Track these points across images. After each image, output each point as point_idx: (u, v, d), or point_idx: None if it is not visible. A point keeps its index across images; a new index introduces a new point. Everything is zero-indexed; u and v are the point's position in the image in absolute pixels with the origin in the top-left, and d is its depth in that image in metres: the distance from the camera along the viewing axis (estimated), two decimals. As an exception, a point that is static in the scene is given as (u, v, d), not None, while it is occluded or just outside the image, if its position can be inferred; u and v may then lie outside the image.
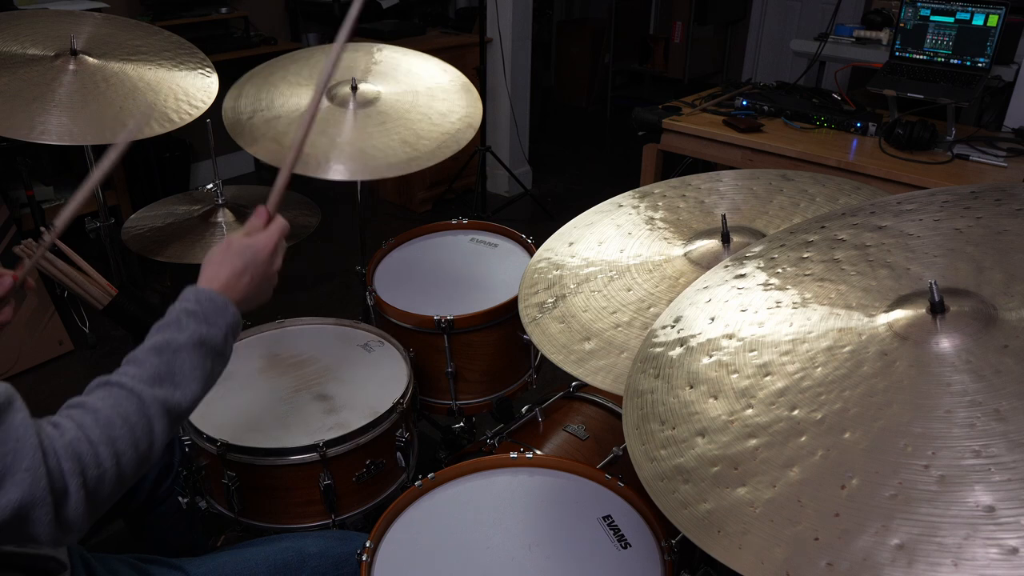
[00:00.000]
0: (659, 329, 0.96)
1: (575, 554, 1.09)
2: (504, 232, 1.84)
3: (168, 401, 0.86)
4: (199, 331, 0.90)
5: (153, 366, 0.87)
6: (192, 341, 0.89)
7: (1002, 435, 0.64)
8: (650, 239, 1.26)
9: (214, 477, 1.33)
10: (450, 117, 1.67)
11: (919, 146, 2.26)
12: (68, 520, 0.77)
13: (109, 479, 0.80)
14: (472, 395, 1.64)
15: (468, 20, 4.24)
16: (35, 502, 0.74)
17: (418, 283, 1.69)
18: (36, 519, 0.75)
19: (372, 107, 1.65)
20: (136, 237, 1.70)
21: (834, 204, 1.24)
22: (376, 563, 1.08)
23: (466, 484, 1.22)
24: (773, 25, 5.01)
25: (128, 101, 1.55)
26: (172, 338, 0.89)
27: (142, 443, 0.83)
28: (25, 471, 0.73)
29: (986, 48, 2.38)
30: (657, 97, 2.97)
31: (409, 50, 1.84)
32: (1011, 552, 0.56)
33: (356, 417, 1.34)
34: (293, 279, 3.29)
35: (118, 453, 0.81)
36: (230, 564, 1.11)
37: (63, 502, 0.76)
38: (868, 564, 0.60)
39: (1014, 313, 0.75)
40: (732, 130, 2.49)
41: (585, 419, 1.52)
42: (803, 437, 0.72)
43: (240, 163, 4.31)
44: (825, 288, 0.90)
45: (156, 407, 0.85)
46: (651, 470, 0.77)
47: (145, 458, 0.84)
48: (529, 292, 1.23)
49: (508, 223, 1.88)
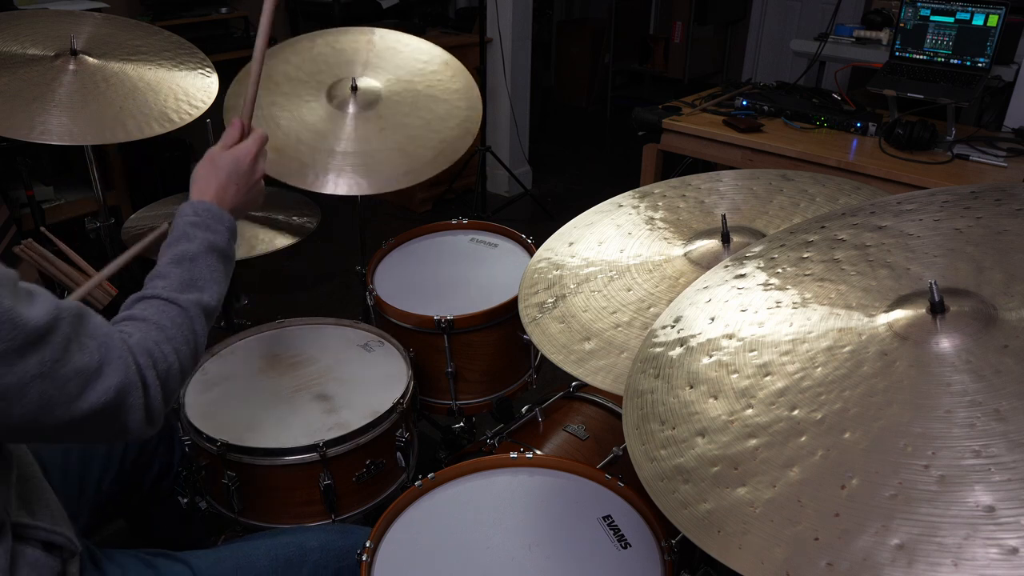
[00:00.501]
0: (659, 329, 0.96)
1: (575, 554, 1.09)
2: (504, 232, 1.84)
3: (200, 302, 0.97)
4: (207, 238, 1.00)
5: (178, 276, 0.97)
6: (203, 248, 0.99)
7: (1002, 435, 0.64)
8: (650, 239, 1.26)
9: (214, 477, 1.33)
10: (449, 122, 1.67)
11: (919, 146, 2.26)
12: (152, 408, 0.86)
13: (174, 372, 0.90)
14: (472, 395, 1.64)
15: (468, 20, 4.24)
16: (129, 387, 0.83)
17: (418, 283, 1.69)
18: (131, 405, 0.83)
19: (372, 110, 1.65)
20: (136, 237, 1.70)
21: (834, 204, 1.24)
22: (376, 563, 1.08)
23: (466, 484, 1.22)
24: (773, 25, 5.01)
25: (128, 101, 1.55)
26: (185, 249, 0.99)
27: (190, 341, 0.94)
28: (118, 359, 0.82)
29: (986, 48, 2.38)
30: (657, 97, 2.97)
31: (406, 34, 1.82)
32: (1011, 552, 0.56)
33: (356, 417, 1.34)
34: (293, 279, 3.29)
35: (176, 350, 0.91)
36: (232, 558, 1.12)
37: (147, 391, 0.85)
38: (868, 564, 0.60)
39: (1014, 313, 0.75)
40: (732, 130, 2.49)
41: (585, 419, 1.52)
42: (803, 437, 0.72)
43: (240, 163, 4.30)
44: (825, 288, 0.90)
45: (193, 309, 0.95)
46: (651, 470, 0.77)
47: (195, 353, 0.95)
48: (529, 292, 1.23)
49: (508, 223, 1.88)
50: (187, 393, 1.40)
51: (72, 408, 0.78)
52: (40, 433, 0.79)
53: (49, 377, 0.75)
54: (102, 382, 0.80)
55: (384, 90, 1.70)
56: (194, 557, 1.10)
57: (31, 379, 0.73)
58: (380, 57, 1.76)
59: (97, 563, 1.03)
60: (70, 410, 0.78)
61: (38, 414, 0.75)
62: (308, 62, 1.73)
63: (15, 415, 0.74)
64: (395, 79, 1.73)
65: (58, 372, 0.76)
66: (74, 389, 0.78)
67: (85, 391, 0.79)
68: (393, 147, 1.60)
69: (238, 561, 1.11)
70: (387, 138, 1.61)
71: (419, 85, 1.73)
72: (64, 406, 0.77)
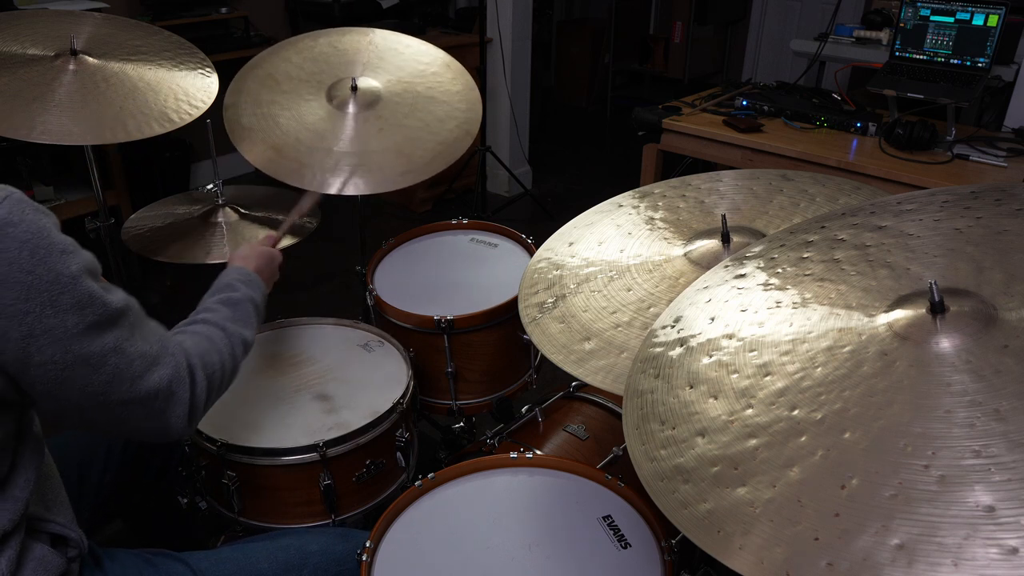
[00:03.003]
0: (659, 329, 0.96)
1: (575, 554, 1.09)
2: (504, 232, 1.84)
3: (241, 335, 1.11)
4: (248, 292, 1.19)
5: (224, 312, 1.12)
6: (246, 298, 1.17)
7: (1002, 435, 0.64)
8: (650, 239, 1.26)
9: (214, 477, 1.33)
10: (448, 124, 1.67)
11: (919, 146, 2.26)
12: (195, 405, 0.96)
13: (216, 379, 1.02)
14: (472, 395, 1.64)
15: (468, 20, 4.24)
16: (179, 380, 0.94)
17: (418, 283, 1.69)
18: (178, 397, 0.94)
19: (371, 111, 1.65)
20: (136, 237, 1.70)
21: (834, 204, 1.24)
22: (376, 563, 1.08)
23: (466, 484, 1.22)
24: (773, 25, 5.01)
25: (128, 101, 1.55)
26: (231, 296, 1.16)
27: (230, 361, 1.06)
28: (172, 354, 0.94)
29: (986, 48, 2.38)
30: (657, 97, 2.97)
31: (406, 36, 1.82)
32: (1011, 552, 0.56)
33: (356, 417, 1.34)
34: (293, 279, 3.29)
35: (222, 361, 1.04)
36: (233, 560, 1.12)
37: (193, 387, 0.96)
38: (868, 564, 0.60)
39: (1014, 313, 0.75)
40: (732, 130, 2.49)
41: (585, 419, 1.52)
42: (803, 437, 0.72)
43: (240, 163, 4.26)
44: (825, 288, 0.90)
45: (236, 337, 1.10)
46: (651, 470, 0.77)
47: (233, 373, 1.08)
48: (529, 292, 1.23)
49: (508, 223, 1.88)
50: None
51: (135, 386, 0.88)
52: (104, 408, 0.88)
53: (122, 352, 0.86)
54: (159, 370, 0.91)
55: (384, 90, 1.70)
56: (195, 557, 1.10)
57: (109, 351, 0.84)
58: (381, 58, 1.76)
59: (98, 562, 1.03)
60: (133, 387, 0.88)
61: (108, 386, 0.86)
62: (309, 61, 1.73)
63: (93, 383, 0.84)
64: (395, 80, 1.73)
65: (128, 350, 0.87)
66: (138, 368, 0.88)
67: (146, 373, 0.89)
68: (392, 147, 1.60)
69: (239, 562, 1.11)
70: (386, 138, 1.61)
71: (419, 86, 1.73)
72: (129, 382, 0.87)
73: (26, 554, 0.90)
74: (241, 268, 1.23)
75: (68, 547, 0.96)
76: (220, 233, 1.71)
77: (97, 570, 1.02)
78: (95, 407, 0.87)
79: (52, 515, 0.95)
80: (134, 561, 1.06)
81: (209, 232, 1.71)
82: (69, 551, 0.96)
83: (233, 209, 1.78)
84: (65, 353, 0.81)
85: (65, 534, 0.95)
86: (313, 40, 1.77)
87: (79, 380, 0.84)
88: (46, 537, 0.94)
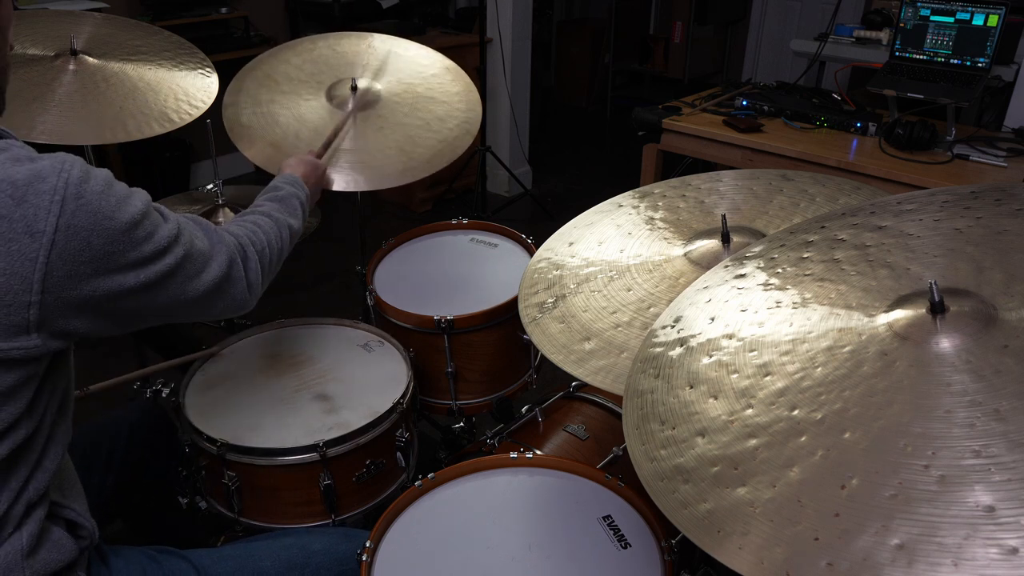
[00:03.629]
0: (659, 329, 0.96)
1: (575, 554, 1.09)
2: (504, 232, 1.84)
3: (287, 220, 1.26)
4: (293, 190, 1.33)
5: (271, 205, 1.27)
6: (290, 194, 1.31)
7: (1002, 435, 0.64)
8: (650, 239, 1.26)
9: (214, 477, 1.33)
10: (448, 123, 1.67)
11: (919, 146, 2.26)
12: (251, 280, 1.11)
13: (266, 254, 1.16)
14: (472, 395, 1.64)
15: (468, 20, 4.24)
16: (234, 262, 1.08)
17: (418, 283, 1.69)
18: (235, 276, 1.08)
19: (371, 110, 1.65)
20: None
21: (834, 204, 1.24)
22: (376, 563, 1.08)
23: (466, 484, 1.22)
24: (773, 25, 5.01)
25: (128, 101, 1.55)
26: (277, 193, 1.30)
27: (278, 241, 1.21)
28: (221, 242, 1.07)
29: (986, 48, 2.38)
30: (657, 97, 2.97)
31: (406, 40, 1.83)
32: (1011, 552, 0.56)
33: (356, 417, 1.34)
34: (293, 279, 3.29)
35: (269, 241, 1.18)
36: (235, 557, 1.12)
37: (246, 263, 1.11)
38: (868, 564, 0.60)
39: (1014, 313, 0.75)
40: (732, 130, 2.49)
41: (585, 419, 1.52)
42: (803, 437, 0.72)
43: (240, 163, 4.30)
44: (825, 288, 0.90)
45: (282, 223, 1.24)
46: (651, 470, 0.77)
47: (281, 254, 1.22)
48: (529, 292, 1.23)
49: (508, 223, 1.88)
50: (187, 393, 1.40)
51: (201, 280, 1.01)
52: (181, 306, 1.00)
53: (188, 258, 0.98)
54: (216, 259, 1.04)
55: (384, 91, 1.70)
56: (197, 555, 1.11)
57: (180, 260, 0.97)
58: (381, 61, 1.76)
59: (103, 558, 1.04)
60: (200, 281, 1.01)
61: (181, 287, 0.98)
62: (308, 63, 1.73)
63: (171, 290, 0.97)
64: (395, 81, 1.73)
65: (191, 255, 0.99)
66: (200, 265, 1.01)
67: (206, 267, 1.03)
68: (391, 145, 1.60)
69: (242, 560, 1.12)
70: (386, 136, 1.61)
71: (419, 87, 1.73)
72: (196, 278, 1.00)
73: (45, 534, 0.94)
74: (287, 174, 1.38)
75: (81, 535, 0.99)
76: (220, 233, 1.71)
77: (103, 566, 1.02)
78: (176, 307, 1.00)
79: (68, 501, 0.99)
80: (138, 558, 1.07)
81: (209, 232, 1.71)
82: (81, 540, 0.98)
83: (233, 209, 1.78)
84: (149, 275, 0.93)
85: (80, 521, 0.99)
86: (312, 43, 1.77)
87: (162, 293, 0.96)
88: (62, 522, 0.97)
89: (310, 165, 1.44)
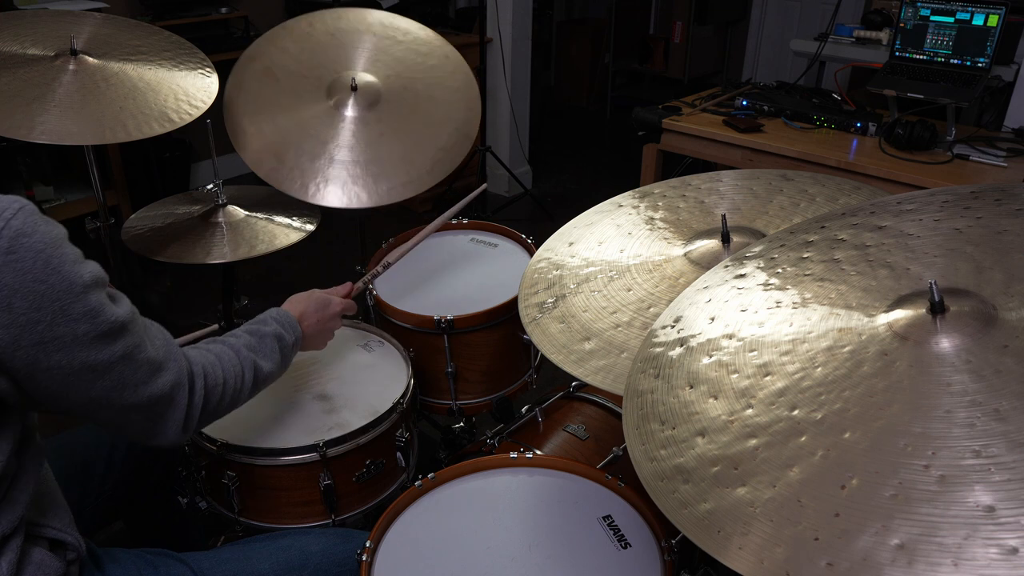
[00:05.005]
0: (659, 329, 0.96)
1: (575, 554, 1.09)
2: (504, 232, 1.84)
3: (256, 362, 1.11)
4: (278, 330, 1.18)
5: (247, 340, 1.14)
6: (273, 334, 1.17)
7: (1002, 435, 0.64)
8: (650, 239, 1.26)
9: (214, 477, 1.33)
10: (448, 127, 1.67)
11: (919, 146, 2.26)
12: (191, 414, 0.98)
13: (218, 392, 1.03)
14: (472, 395, 1.63)
15: (468, 20, 4.24)
16: (181, 385, 0.96)
17: (418, 283, 1.69)
18: (177, 404, 0.95)
19: (371, 112, 1.65)
20: (136, 237, 1.70)
21: (834, 204, 1.24)
22: (376, 563, 1.08)
23: (466, 484, 1.22)
24: (773, 25, 5.01)
25: (128, 101, 1.55)
26: (259, 328, 1.17)
27: (237, 382, 1.07)
28: (175, 360, 0.96)
29: (986, 48, 2.38)
30: (657, 97, 2.97)
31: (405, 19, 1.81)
32: (1011, 552, 0.56)
33: (356, 417, 1.34)
34: (293, 279, 3.29)
35: (225, 378, 1.04)
36: (234, 560, 1.12)
37: (192, 395, 0.98)
38: (868, 564, 0.60)
39: (1014, 313, 0.75)
40: (732, 130, 2.49)
41: (585, 419, 1.52)
42: (803, 437, 0.72)
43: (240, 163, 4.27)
44: (825, 288, 0.90)
45: (248, 362, 1.09)
46: (651, 470, 0.77)
47: (237, 395, 1.07)
48: (529, 292, 1.23)
49: (508, 223, 1.88)
50: None
51: (139, 391, 0.90)
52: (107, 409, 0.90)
53: (130, 360, 0.88)
54: (163, 376, 0.93)
55: (383, 88, 1.69)
56: (195, 558, 1.10)
57: (117, 359, 0.86)
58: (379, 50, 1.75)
59: (99, 563, 1.03)
60: (136, 393, 0.90)
61: (112, 390, 0.88)
62: (306, 52, 1.71)
63: (97, 387, 0.86)
64: (394, 75, 1.72)
65: (136, 357, 0.89)
66: (144, 375, 0.90)
67: (151, 379, 0.91)
68: (393, 156, 1.61)
69: (240, 563, 1.11)
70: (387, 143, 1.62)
71: (419, 84, 1.72)
72: (133, 388, 0.89)
73: (25, 558, 0.91)
74: (282, 311, 1.24)
75: (67, 551, 0.96)
76: (220, 233, 1.71)
77: (97, 571, 1.02)
78: (99, 408, 0.89)
79: (48, 520, 0.95)
80: (135, 562, 1.06)
81: (209, 232, 1.71)
82: (68, 554, 0.96)
83: (233, 209, 1.78)
84: (72, 360, 0.83)
85: (62, 538, 0.95)
86: (309, 26, 1.76)
87: (85, 386, 0.85)
88: (44, 542, 0.94)
89: (318, 303, 1.30)
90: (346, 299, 1.38)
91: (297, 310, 1.26)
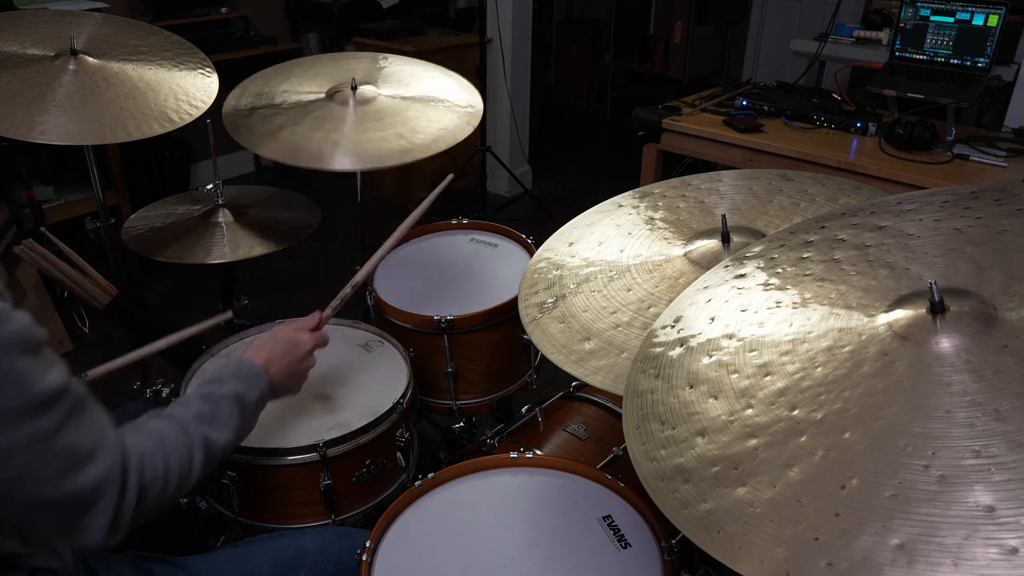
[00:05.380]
0: (659, 329, 0.96)
1: (575, 554, 1.09)
2: (504, 232, 1.84)
3: (207, 437, 0.98)
4: (237, 388, 1.05)
5: (197, 408, 1.00)
6: (230, 395, 1.04)
7: (1002, 435, 0.64)
8: (650, 239, 1.26)
9: (214, 477, 1.33)
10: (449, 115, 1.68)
11: (919, 146, 2.26)
12: (120, 516, 0.83)
13: (157, 487, 0.88)
14: (472, 395, 1.63)
15: (468, 20, 4.24)
16: (110, 481, 0.80)
17: (418, 283, 1.69)
18: (102, 504, 0.80)
19: (370, 105, 1.65)
20: (136, 237, 1.70)
21: (834, 204, 1.24)
22: (376, 563, 1.08)
23: (466, 484, 1.22)
24: (773, 25, 5.01)
25: (128, 101, 1.55)
26: (214, 390, 1.04)
27: (184, 466, 0.93)
28: (107, 453, 0.81)
29: (986, 48, 2.38)
30: (657, 97, 2.97)
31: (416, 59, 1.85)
32: (1011, 552, 0.56)
33: (356, 417, 1.33)
34: (293, 279, 3.29)
35: (167, 468, 0.90)
36: (230, 562, 1.11)
37: (123, 494, 0.82)
38: (868, 564, 0.60)
39: (1014, 313, 0.75)
40: (732, 130, 2.49)
41: (585, 419, 1.52)
42: (803, 437, 0.72)
43: (240, 163, 4.31)
44: (825, 288, 0.90)
45: (197, 439, 0.96)
46: (651, 470, 0.77)
47: (184, 481, 0.93)
48: (529, 292, 1.23)
49: (508, 223, 1.88)
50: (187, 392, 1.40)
51: (48, 488, 0.75)
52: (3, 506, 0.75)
53: (39, 448, 0.73)
54: (88, 469, 0.78)
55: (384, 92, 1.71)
56: (191, 561, 1.10)
57: (21, 447, 0.71)
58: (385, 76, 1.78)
59: (91, 572, 1.01)
60: (44, 489, 0.75)
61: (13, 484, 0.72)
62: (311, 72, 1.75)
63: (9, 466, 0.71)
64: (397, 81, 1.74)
65: (49, 446, 0.73)
66: (58, 468, 0.75)
67: (68, 473, 0.76)
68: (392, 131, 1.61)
69: (236, 565, 1.11)
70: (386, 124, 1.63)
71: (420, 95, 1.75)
72: (41, 483, 0.74)
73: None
74: (245, 360, 1.11)
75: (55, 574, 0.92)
76: (220, 233, 1.71)
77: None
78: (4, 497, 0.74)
79: (28, 548, 0.88)
80: (128, 569, 1.05)
81: (209, 232, 1.71)
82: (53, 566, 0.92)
83: (233, 209, 1.78)
84: None
85: (45, 564, 0.90)
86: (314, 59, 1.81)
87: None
88: (25, 571, 0.88)
89: (285, 345, 1.16)
90: (316, 331, 1.24)
91: (261, 357, 1.13)
